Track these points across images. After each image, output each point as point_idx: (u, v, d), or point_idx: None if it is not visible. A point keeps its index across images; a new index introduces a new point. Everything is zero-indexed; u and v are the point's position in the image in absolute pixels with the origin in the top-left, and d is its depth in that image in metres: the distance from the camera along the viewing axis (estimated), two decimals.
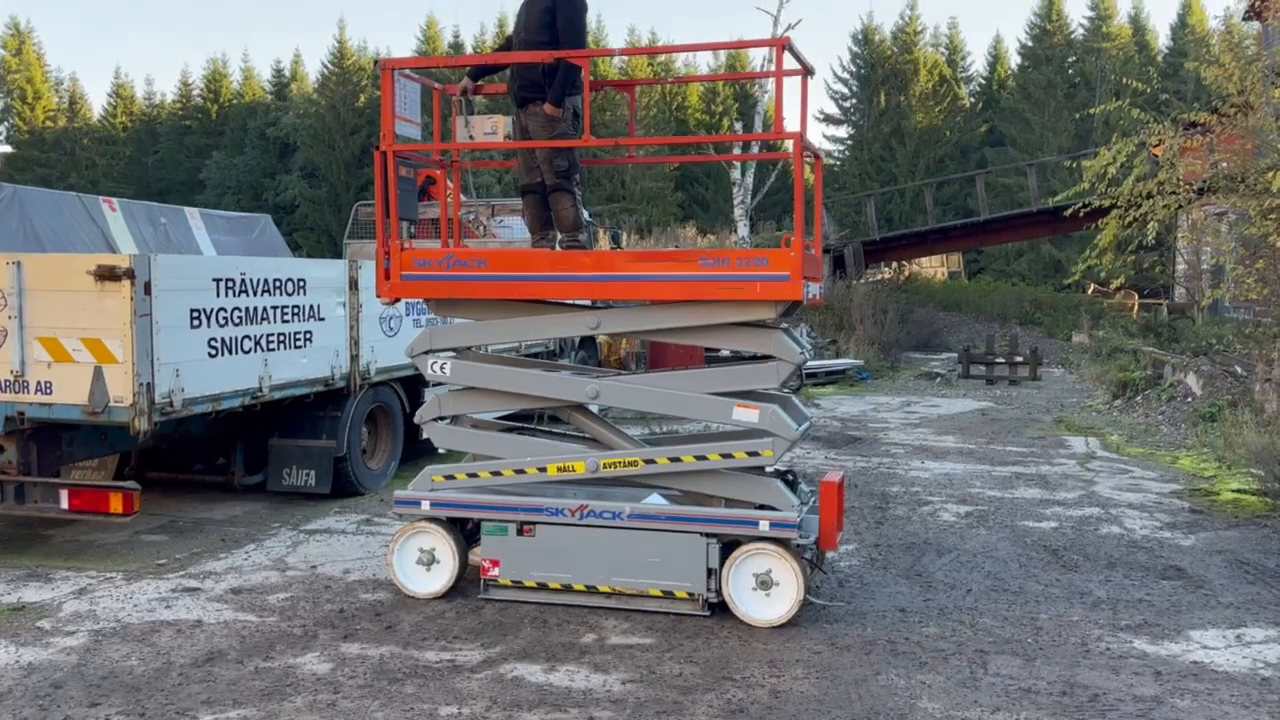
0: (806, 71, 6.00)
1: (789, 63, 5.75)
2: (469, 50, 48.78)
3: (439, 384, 6.36)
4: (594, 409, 6.42)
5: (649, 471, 5.99)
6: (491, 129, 6.34)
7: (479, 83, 6.64)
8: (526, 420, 7.18)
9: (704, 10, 78.34)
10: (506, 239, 12.77)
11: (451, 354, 6.31)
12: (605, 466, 6.01)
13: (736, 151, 23.64)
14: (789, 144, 5.98)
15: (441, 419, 6.39)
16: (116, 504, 6.77)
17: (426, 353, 6.27)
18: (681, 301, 5.87)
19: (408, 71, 6.40)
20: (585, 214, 6.94)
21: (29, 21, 55.84)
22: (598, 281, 5.99)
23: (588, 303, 6.33)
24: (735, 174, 23.62)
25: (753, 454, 5.82)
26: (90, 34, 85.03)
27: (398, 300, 6.51)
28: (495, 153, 7.08)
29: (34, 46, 55.23)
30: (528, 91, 6.33)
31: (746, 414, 5.82)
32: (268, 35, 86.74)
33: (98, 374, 6.67)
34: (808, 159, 5.93)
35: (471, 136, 6.34)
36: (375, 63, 6.18)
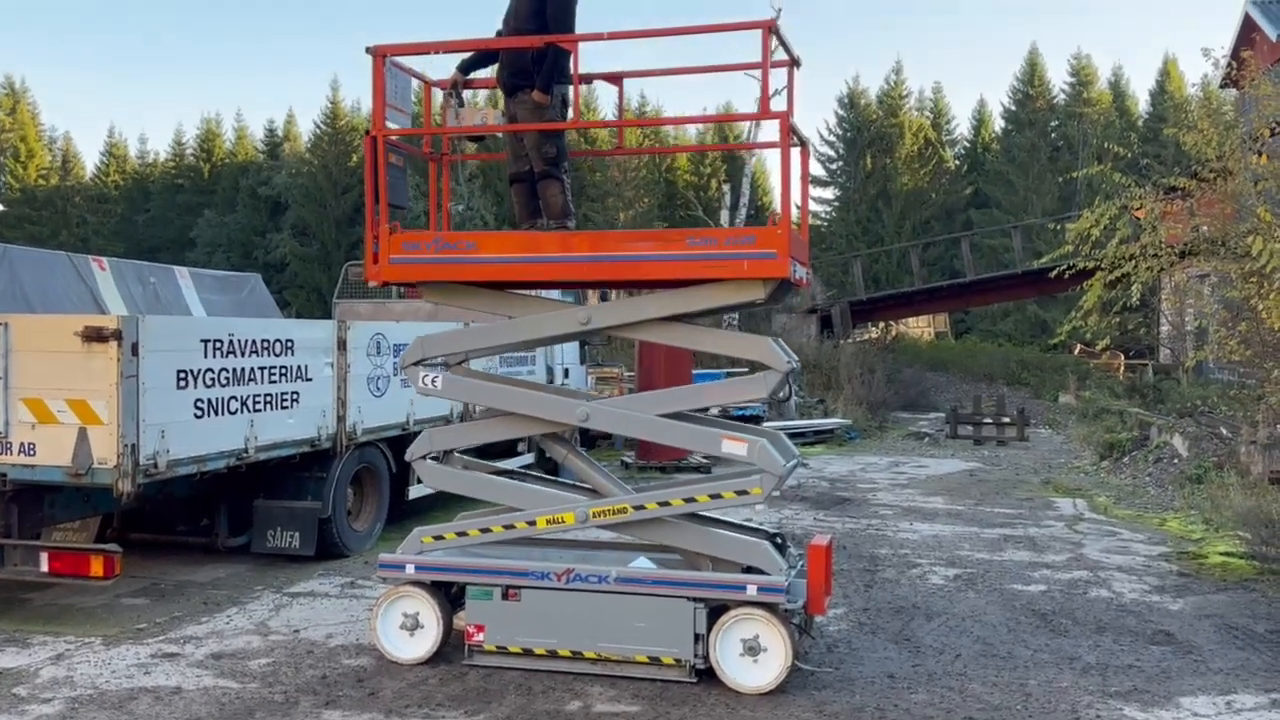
0: (793, 62, 5.98)
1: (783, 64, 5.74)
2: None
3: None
4: (584, 453, 6.39)
5: (638, 519, 5.93)
6: (481, 120, 6.37)
7: (468, 76, 6.63)
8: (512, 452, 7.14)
9: (694, 87, 79.64)
10: None
11: (443, 368, 6.27)
12: (594, 515, 5.97)
13: (725, 202, 23.81)
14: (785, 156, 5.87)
15: (432, 456, 6.33)
16: (97, 567, 6.69)
17: (418, 364, 6.22)
18: (672, 290, 5.83)
19: (399, 61, 6.34)
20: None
21: (24, 80, 56.39)
22: (587, 262, 5.92)
23: (583, 319, 6.17)
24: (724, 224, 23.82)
25: (741, 493, 5.80)
26: (85, 92, 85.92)
27: (387, 284, 6.38)
28: (485, 144, 7.02)
29: (28, 105, 55.65)
30: (517, 79, 6.33)
31: (735, 447, 5.81)
32: (262, 95, 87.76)
33: (82, 435, 6.64)
34: (794, 143, 5.92)
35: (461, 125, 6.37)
36: (368, 50, 6.08)
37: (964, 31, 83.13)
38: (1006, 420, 19.55)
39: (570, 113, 6.43)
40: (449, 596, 6.28)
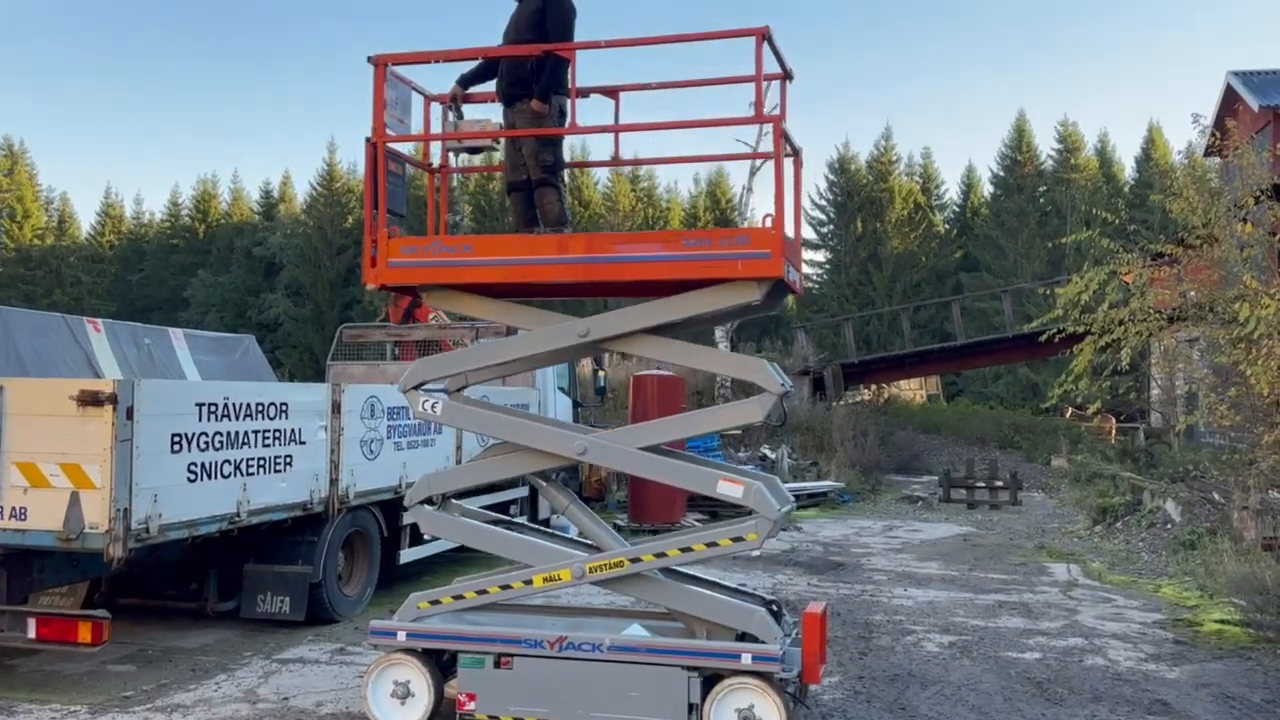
0: (786, 76, 6.03)
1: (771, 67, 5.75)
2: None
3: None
4: (579, 508, 6.36)
5: (635, 571, 5.89)
6: (480, 129, 6.41)
7: (468, 90, 6.69)
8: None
9: (688, 140, 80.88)
10: None
11: (443, 394, 6.23)
12: (591, 571, 5.93)
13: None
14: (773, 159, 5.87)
15: (429, 502, 6.29)
16: (85, 633, 6.62)
17: (418, 387, 6.18)
18: (669, 295, 5.83)
19: (400, 73, 6.37)
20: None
21: (22, 142, 56.75)
22: (583, 263, 5.89)
23: (579, 335, 6.10)
24: None
25: (737, 539, 5.78)
26: (83, 153, 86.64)
27: (384, 287, 6.34)
28: (482, 157, 6.99)
29: (26, 166, 56.08)
30: (515, 89, 6.39)
31: (731, 488, 5.79)
32: (259, 156, 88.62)
33: (74, 499, 6.61)
34: (787, 153, 5.96)
35: (460, 139, 6.41)
36: (370, 59, 6.11)
37: (952, 98, 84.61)
38: (999, 484, 19.54)
39: (568, 123, 6.45)
40: (440, 664, 6.22)
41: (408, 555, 10.26)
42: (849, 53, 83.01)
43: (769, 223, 5.62)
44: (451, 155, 6.76)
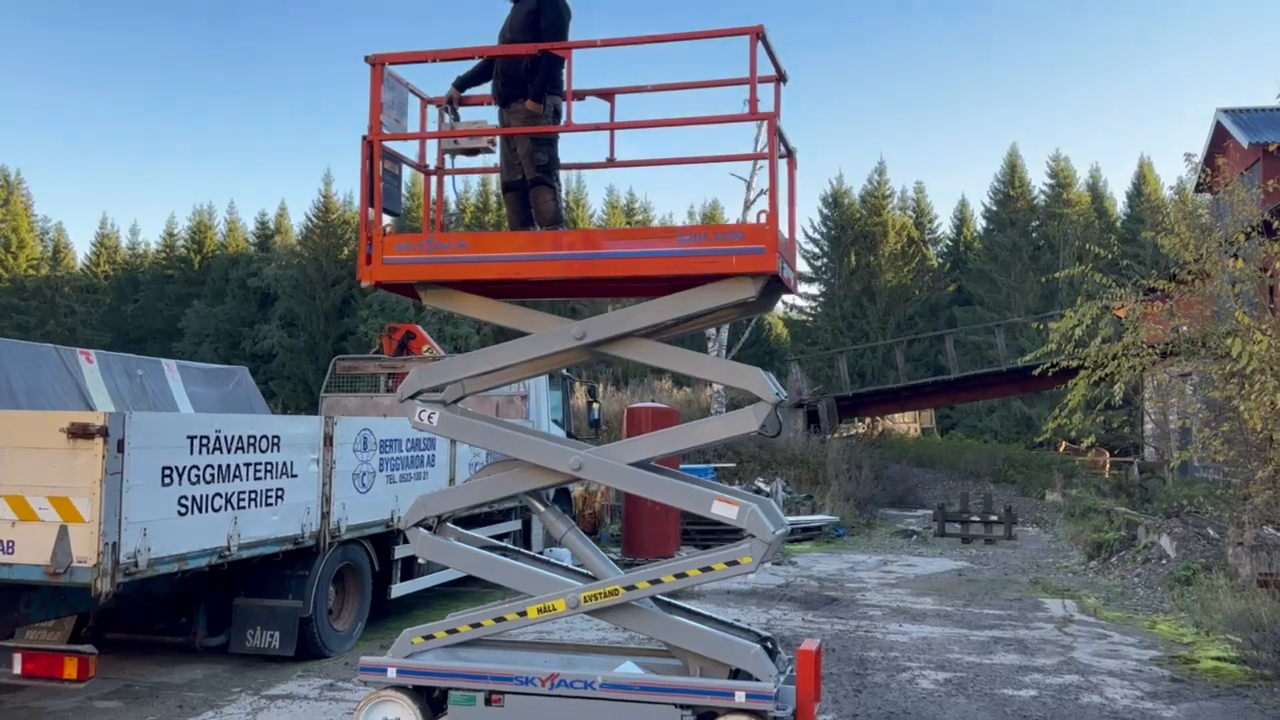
0: (780, 78, 6.02)
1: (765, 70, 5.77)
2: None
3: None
4: (577, 537, 6.32)
5: (630, 600, 5.83)
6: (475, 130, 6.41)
7: (464, 92, 6.69)
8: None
9: (681, 180, 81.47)
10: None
11: (440, 406, 6.17)
12: (586, 601, 5.87)
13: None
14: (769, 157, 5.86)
15: (424, 525, 6.23)
16: (71, 669, 6.53)
17: (414, 396, 6.11)
18: (664, 294, 5.80)
19: (397, 75, 6.34)
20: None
21: (18, 173, 56.92)
22: (580, 259, 5.84)
23: (574, 338, 6.02)
24: (709, 329, 24.03)
25: (732, 563, 5.72)
26: (79, 183, 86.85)
27: (379, 284, 6.23)
28: (478, 159, 6.95)
29: (22, 197, 56.22)
30: (510, 89, 6.40)
31: (725, 509, 5.74)
32: (255, 187, 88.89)
33: (62, 533, 6.54)
34: (781, 154, 5.94)
35: (456, 141, 6.39)
36: (367, 59, 6.10)
37: (945, 132, 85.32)
38: (994, 518, 19.49)
39: (563, 124, 6.42)
40: (431, 701, 6.14)
41: (399, 590, 10.18)
42: (842, 88, 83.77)
43: (764, 219, 5.64)
44: (447, 157, 6.77)
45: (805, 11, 77.25)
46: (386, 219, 6.17)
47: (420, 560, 9.98)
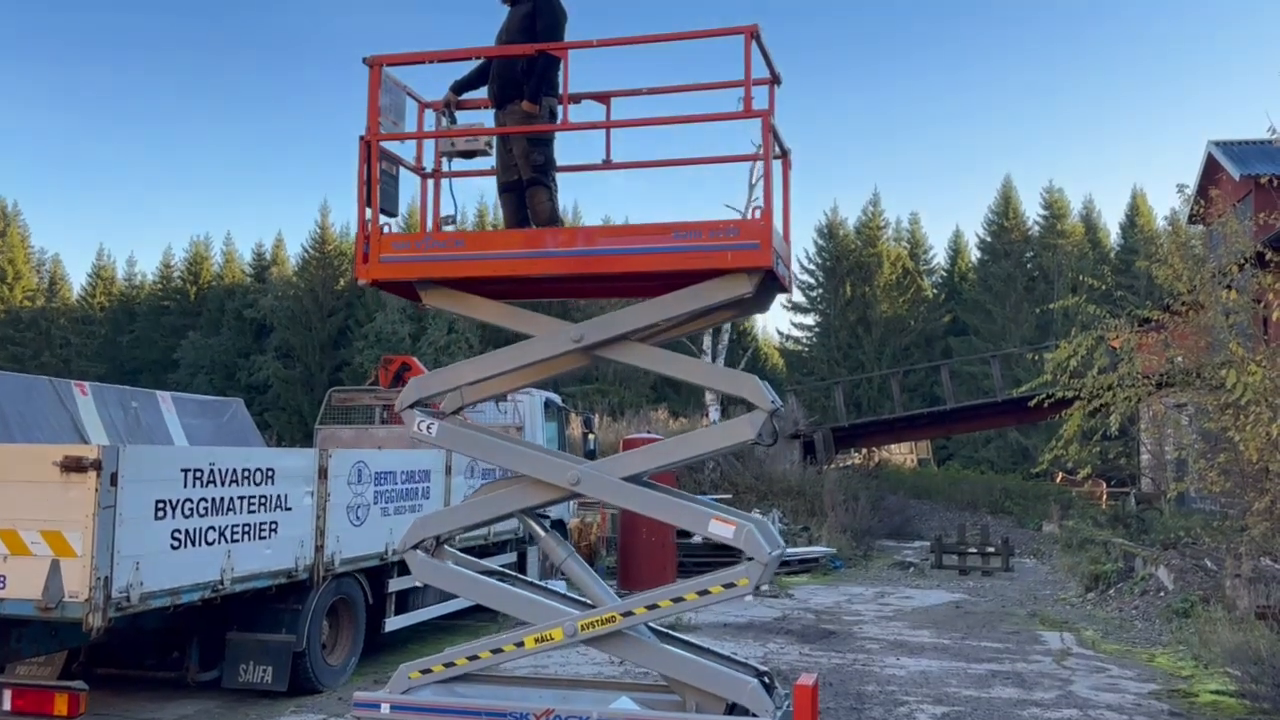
0: (775, 79, 6.03)
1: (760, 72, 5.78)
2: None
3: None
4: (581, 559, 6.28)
5: (626, 625, 5.78)
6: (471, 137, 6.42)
7: (461, 96, 6.70)
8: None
9: (676, 199, 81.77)
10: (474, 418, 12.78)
11: (438, 418, 6.11)
12: (583, 629, 5.82)
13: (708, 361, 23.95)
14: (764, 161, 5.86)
15: (421, 547, 6.18)
16: (61, 705, 6.47)
17: (413, 406, 6.07)
18: (659, 293, 5.80)
19: (395, 78, 6.36)
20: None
21: (15, 204, 57.09)
22: (576, 256, 5.84)
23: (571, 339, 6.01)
24: (706, 357, 24.08)
25: (728, 585, 5.69)
26: (76, 214, 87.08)
27: (376, 282, 6.22)
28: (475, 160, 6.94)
29: (19, 229, 56.33)
30: (507, 91, 6.41)
31: (722, 529, 5.71)
32: (252, 218, 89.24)
33: (54, 567, 6.49)
34: (776, 154, 5.95)
35: (453, 144, 6.40)
36: (365, 60, 6.12)
37: (939, 164, 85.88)
38: (991, 550, 19.43)
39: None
40: None
41: (393, 624, 10.11)
42: (837, 119, 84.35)
43: (758, 215, 5.66)
44: (445, 160, 6.79)
45: (796, 46, 77.95)
46: (385, 219, 6.19)
47: (418, 584, 9.87)
